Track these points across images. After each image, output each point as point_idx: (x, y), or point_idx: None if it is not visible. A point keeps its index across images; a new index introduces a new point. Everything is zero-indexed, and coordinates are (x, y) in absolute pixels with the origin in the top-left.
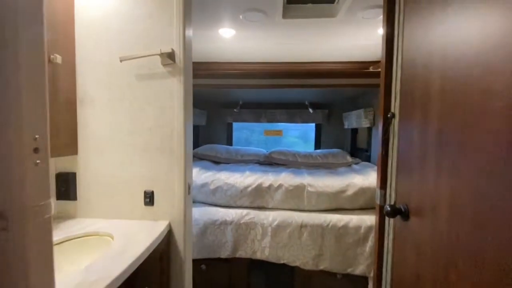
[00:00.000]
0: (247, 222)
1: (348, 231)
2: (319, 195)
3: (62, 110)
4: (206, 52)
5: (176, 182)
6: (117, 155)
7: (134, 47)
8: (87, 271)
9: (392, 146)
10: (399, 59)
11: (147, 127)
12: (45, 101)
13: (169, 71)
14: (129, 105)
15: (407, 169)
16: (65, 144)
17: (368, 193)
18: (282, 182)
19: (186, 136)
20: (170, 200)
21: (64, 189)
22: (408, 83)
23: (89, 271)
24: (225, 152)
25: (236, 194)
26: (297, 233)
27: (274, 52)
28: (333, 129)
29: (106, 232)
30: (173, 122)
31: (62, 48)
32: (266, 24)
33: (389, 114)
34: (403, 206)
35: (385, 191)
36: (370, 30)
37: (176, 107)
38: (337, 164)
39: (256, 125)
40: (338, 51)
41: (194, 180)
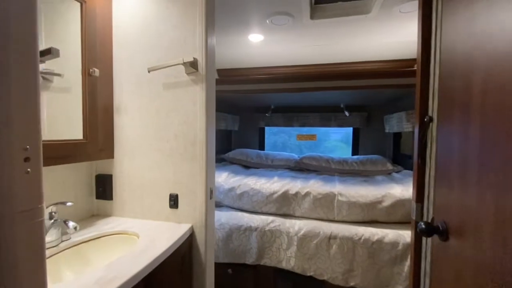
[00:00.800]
0: (272, 230)
1: (383, 247)
2: (351, 205)
3: (102, 118)
4: (236, 58)
5: (198, 187)
6: (146, 159)
7: (161, 58)
8: (108, 268)
9: (430, 153)
10: (437, 55)
11: (172, 133)
12: (37, 116)
13: (192, 79)
14: (156, 113)
15: (446, 181)
16: (103, 149)
17: (408, 206)
18: (310, 190)
19: (208, 142)
20: (192, 204)
21: (102, 189)
22: (447, 82)
23: (110, 268)
24: (255, 157)
25: (262, 200)
26: (325, 245)
27: (305, 55)
28: (373, 134)
29: (133, 231)
30: (196, 128)
31: (100, 62)
32: (294, 27)
33: (426, 118)
34: (441, 224)
35: (422, 205)
36: (410, 24)
37: (199, 114)
38: (376, 172)
39: (293, 129)
40: (375, 50)
41: (222, 184)
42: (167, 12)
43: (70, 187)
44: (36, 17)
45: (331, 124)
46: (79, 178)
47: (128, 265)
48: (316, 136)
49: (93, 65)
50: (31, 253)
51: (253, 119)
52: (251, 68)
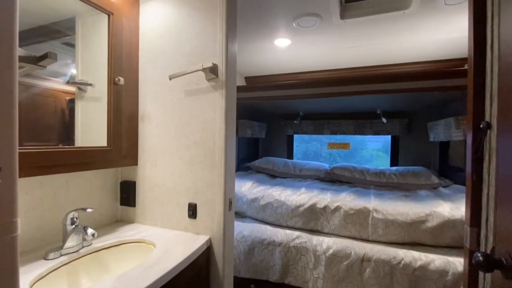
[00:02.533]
0: (298, 246)
1: (428, 275)
2: (388, 224)
3: (126, 126)
4: (264, 64)
5: (217, 197)
6: (167, 166)
7: (182, 65)
8: (117, 280)
9: (489, 168)
10: (495, 48)
11: (192, 141)
12: (11, 123)
13: (212, 86)
14: (178, 120)
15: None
16: (127, 156)
17: (459, 228)
18: (341, 204)
19: (227, 150)
20: (210, 215)
21: (126, 196)
22: (509, 78)
23: (119, 280)
24: (282, 166)
25: (287, 213)
26: (358, 267)
27: (336, 58)
28: (415, 142)
29: (151, 240)
30: (215, 136)
31: (126, 72)
32: (323, 28)
33: (481, 124)
34: (505, 257)
35: (479, 230)
36: (457, 18)
37: (218, 121)
38: (418, 186)
39: (326, 137)
40: (416, 49)
41: (245, 194)
42: (189, 20)
43: (97, 192)
44: (15, 13)
45: (366, 131)
46: (105, 184)
47: (138, 278)
48: (349, 144)
49: (119, 74)
50: (2, 272)
51: (281, 126)
52: (279, 74)
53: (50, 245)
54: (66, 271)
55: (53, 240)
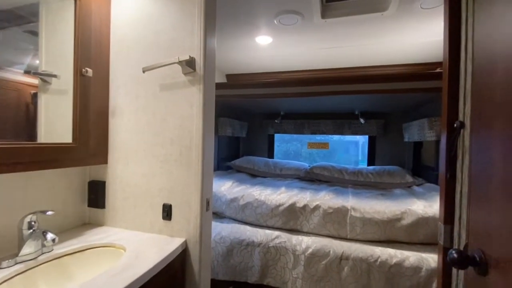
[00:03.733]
0: (277, 246)
1: (403, 271)
2: (365, 222)
3: (95, 121)
4: (245, 62)
5: (193, 197)
6: (140, 165)
7: (159, 58)
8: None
9: (462, 166)
10: (469, 48)
11: (168, 138)
12: None
13: (189, 80)
14: (153, 116)
15: (486, 201)
16: (96, 154)
17: (432, 225)
18: (320, 203)
19: (205, 148)
20: (186, 216)
21: (94, 197)
22: (484, 81)
23: None
24: (263, 165)
25: (267, 212)
26: (336, 266)
27: (316, 58)
28: (390, 143)
29: (121, 244)
30: (192, 133)
31: (95, 63)
32: (304, 27)
33: (455, 124)
34: (478, 254)
35: (452, 228)
36: (432, 22)
37: (196, 117)
38: (394, 185)
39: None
40: (393, 52)
41: (224, 194)
42: (165, 10)
43: (61, 193)
44: None
45: (345, 131)
46: (71, 184)
47: (103, 286)
48: (328, 144)
49: (87, 65)
50: None
51: (262, 125)
52: (260, 73)
53: (3, 252)
54: (22, 280)
55: (7, 247)
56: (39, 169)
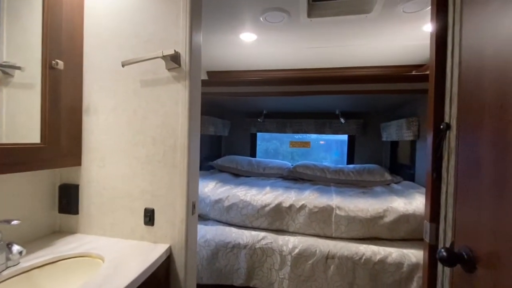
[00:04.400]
0: (264, 248)
1: (386, 268)
2: (350, 221)
3: (67, 119)
4: (228, 59)
5: (178, 200)
6: (119, 167)
7: (139, 52)
8: None
9: (447, 166)
10: (456, 53)
11: (150, 137)
12: None
13: (173, 76)
14: (133, 114)
15: (472, 199)
16: (68, 154)
17: (413, 222)
18: (306, 203)
19: (191, 148)
20: (171, 221)
21: (66, 202)
22: (471, 85)
23: None
24: (246, 165)
25: (253, 213)
26: (322, 265)
27: (301, 58)
28: (369, 142)
29: (98, 253)
30: (177, 131)
31: (67, 55)
32: (290, 26)
33: (442, 125)
34: (466, 251)
35: (437, 225)
36: (413, 26)
37: (181, 115)
38: (373, 183)
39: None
40: (375, 54)
41: (208, 195)
42: (147, 0)
43: (27, 199)
44: None
45: (326, 131)
46: (39, 188)
47: None
48: (310, 143)
49: (57, 57)
50: None
51: (244, 124)
52: (243, 71)
53: None
54: None
55: None
56: (2, 173)
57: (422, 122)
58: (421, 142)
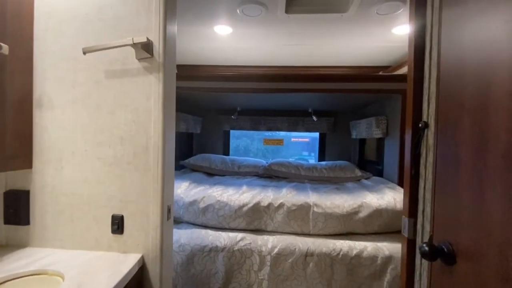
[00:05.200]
0: (242, 249)
1: (362, 262)
2: (327, 217)
3: (13, 114)
4: (200, 53)
5: (151, 205)
6: (81, 170)
7: (105, 38)
8: None
9: (425, 163)
10: (434, 54)
11: (118, 136)
12: None
13: (145, 67)
14: (97, 109)
15: (451, 195)
16: (16, 156)
17: (385, 216)
18: (284, 201)
19: (166, 147)
20: (143, 228)
21: (13, 212)
22: (450, 84)
23: None
24: (220, 163)
25: (230, 214)
26: (302, 263)
27: (277, 55)
28: (339, 139)
29: (56, 270)
30: (149, 130)
31: (12, 38)
32: (267, 20)
33: (420, 124)
34: (446, 245)
35: (415, 220)
36: (384, 29)
37: (154, 111)
38: (345, 179)
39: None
40: (348, 54)
41: (181, 197)
42: None
43: None
44: None
45: (299, 128)
46: None
47: None
48: (283, 140)
49: (0, 39)
50: None
51: (217, 121)
52: (217, 66)
53: None
54: None
55: None
56: None
57: (390, 121)
58: (390, 139)
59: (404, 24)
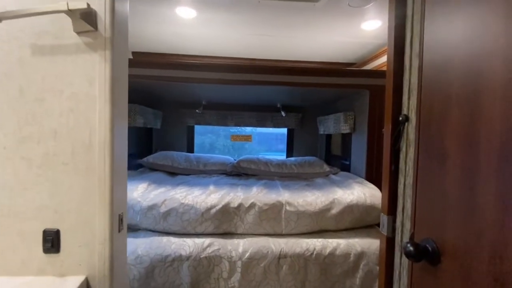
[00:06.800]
0: (210, 256)
1: (336, 260)
2: (300, 216)
3: None
4: (162, 39)
5: (97, 215)
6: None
7: (24, 2)
8: None
9: (405, 158)
10: (415, 43)
11: (49, 129)
12: None
13: (87, 43)
14: (19, 94)
15: (435, 190)
16: None
17: (356, 211)
18: (255, 201)
19: (116, 143)
20: (87, 244)
21: None
22: (434, 74)
23: None
24: (183, 161)
25: (196, 218)
26: (275, 266)
27: (245, 46)
28: (306, 135)
29: None
30: (93, 121)
31: None
32: (236, 5)
33: (400, 117)
34: (430, 243)
35: (395, 218)
36: (353, 22)
37: (98, 99)
38: (314, 174)
39: (222, 129)
40: (317, 49)
41: (138, 201)
42: None
43: None
44: None
45: (268, 124)
46: None
47: None
48: (251, 136)
49: None
50: None
51: (180, 115)
52: (177, 54)
53: None
54: None
55: None
56: None
57: (357, 116)
58: (357, 135)
59: (373, 19)
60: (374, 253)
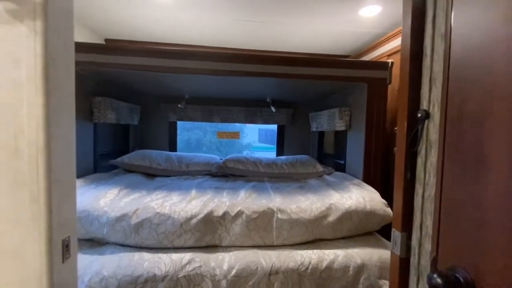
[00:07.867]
0: (190, 275)
1: (333, 274)
2: (293, 224)
3: None
4: (136, 25)
5: (29, 243)
6: None
7: None
8: None
9: (425, 164)
10: (440, 21)
11: None
12: None
13: (8, 9)
14: None
15: (470, 207)
16: None
17: (355, 218)
18: (242, 208)
19: (56, 147)
20: (13, 281)
21: None
22: (468, 59)
23: None
24: (164, 161)
25: (174, 230)
26: (265, 285)
27: (230, 34)
28: (298, 132)
29: None
30: (20, 118)
31: None
32: None
33: (418, 113)
34: (462, 274)
35: (409, 235)
36: (350, 8)
37: (27, 86)
38: (307, 175)
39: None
40: (309, 39)
41: (105, 211)
42: None
43: None
44: None
45: (257, 120)
46: None
47: None
48: (239, 133)
49: None
50: None
51: (160, 110)
52: (155, 42)
53: None
54: None
55: None
56: None
57: (353, 113)
58: (353, 132)
59: (373, 4)
60: (376, 265)
